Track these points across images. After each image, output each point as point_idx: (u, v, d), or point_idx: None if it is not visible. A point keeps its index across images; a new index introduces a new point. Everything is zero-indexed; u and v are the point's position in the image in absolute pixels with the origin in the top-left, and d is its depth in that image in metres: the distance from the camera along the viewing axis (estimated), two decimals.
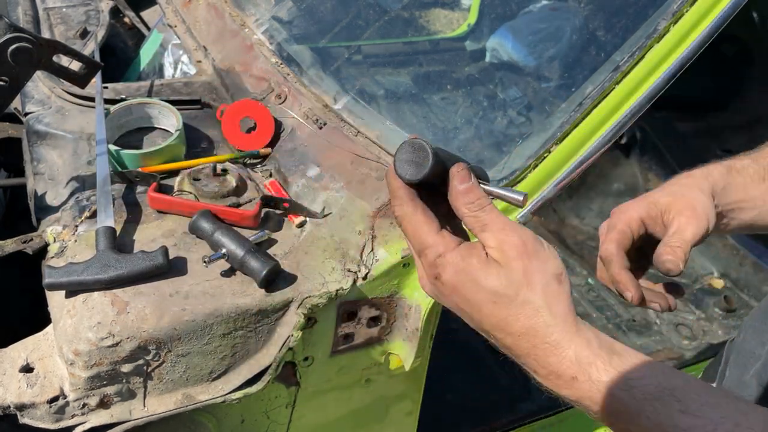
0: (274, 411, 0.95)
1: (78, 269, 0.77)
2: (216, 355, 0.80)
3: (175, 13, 1.35)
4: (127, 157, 0.96)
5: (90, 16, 1.41)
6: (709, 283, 2.19)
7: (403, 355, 0.95)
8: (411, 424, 1.14)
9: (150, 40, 1.42)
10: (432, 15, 1.43)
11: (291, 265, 0.85)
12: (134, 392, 0.78)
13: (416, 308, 0.90)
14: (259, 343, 0.82)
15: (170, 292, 0.79)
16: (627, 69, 0.91)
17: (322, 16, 1.33)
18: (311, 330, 0.87)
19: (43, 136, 1.01)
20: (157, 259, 0.79)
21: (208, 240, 0.84)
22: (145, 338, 0.75)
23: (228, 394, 0.81)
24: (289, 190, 0.97)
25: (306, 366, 0.91)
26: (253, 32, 1.21)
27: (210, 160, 0.99)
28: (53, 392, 0.75)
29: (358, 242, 0.88)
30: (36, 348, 0.79)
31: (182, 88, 1.16)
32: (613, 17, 1.15)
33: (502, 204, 0.79)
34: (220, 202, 0.90)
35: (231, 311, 0.79)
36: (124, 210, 0.90)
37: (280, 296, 0.81)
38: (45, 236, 0.86)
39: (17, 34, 0.82)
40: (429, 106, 1.25)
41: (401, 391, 1.08)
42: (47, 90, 1.10)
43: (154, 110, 1.05)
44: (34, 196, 0.93)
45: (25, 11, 1.35)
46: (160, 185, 0.92)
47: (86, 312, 0.75)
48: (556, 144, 0.91)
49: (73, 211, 0.89)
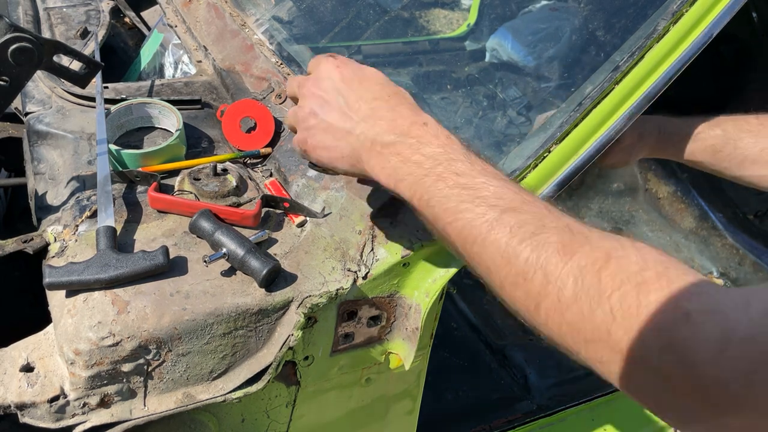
0: (275, 410, 0.95)
1: (78, 269, 0.77)
2: (216, 354, 0.80)
3: (176, 13, 1.35)
4: (128, 156, 0.96)
5: (90, 16, 1.41)
6: None
7: (403, 355, 0.95)
8: (411, 423, 1.15)
9: (150, 40, 1.42)
10: (432, 15, 1.43)
11: (291, 265, 0.86)
12: (135, 391, 0.78)
13: (416, 308, 0.90)
14: (260, 343, 0.83)
15: (171, 292, 0.79)
16: (626, 69, 0.91)
17: (322, 16, 1.33)
18: (311, 329, 0.87)
19: (44, 136, 1.01)
20: (158, 259, 0.79)
21: (209, 240, 0.84)
22: (146, 338, 0.75)
23: (228, 394, 0.81)
24: (290, 189, 0.97)
25: (306, 365, 0.92)
26: (254, 32, 1.21)
27: (210, 160, 0.99)
28: (54, 392, 0.75)
29: (358, 242, 0.88)
30: (36, 347, 0.79)
31: (182, 88, 1.16)
32: (612, 17, 1.15)
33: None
34: (220, 201, 0.91)
35: (231, 311, 0.79)
36: (125, 210, 0.90)
37: (280, 296, 0.82)
38: (45, 236, 0.86)
39: (18, 34, 0.82)
40: (429, 106, 1.25)
41: (401, 390, 1.08)
42: (48, 90, 1.10)
43: (155, 110, 1.05)
44: (34, 196, 0.93)
45: (25, 11, 1.35)
46: (161, 185, 0.93)
47: (87, 311, 0.76)
48: (556, 144, 0.91)
49: (73, 210, 0.89)
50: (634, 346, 0.51)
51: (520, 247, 0.58)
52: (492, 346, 1.82)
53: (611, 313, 0.52)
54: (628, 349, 0.51)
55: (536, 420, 1.61)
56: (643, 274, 0.53)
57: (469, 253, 0.64)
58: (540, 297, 0.57)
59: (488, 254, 0.61)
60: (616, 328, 0.52)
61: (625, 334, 0.51)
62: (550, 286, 0.56)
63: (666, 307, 0.50)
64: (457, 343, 1.83)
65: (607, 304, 0.53)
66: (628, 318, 0.51)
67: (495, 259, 0.60)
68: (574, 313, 0.54)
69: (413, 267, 0.89)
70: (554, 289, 0.56)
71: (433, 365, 1.04)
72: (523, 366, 1.75)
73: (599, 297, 0.53)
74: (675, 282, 0.52)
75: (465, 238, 0.63)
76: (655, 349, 0.50)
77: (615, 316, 0.52)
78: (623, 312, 0.52)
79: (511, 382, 1.72)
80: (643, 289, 0.52)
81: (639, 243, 0.56)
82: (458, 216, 0.63)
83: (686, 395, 0.49)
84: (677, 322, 0.49)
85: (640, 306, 0.51)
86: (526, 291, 0.58)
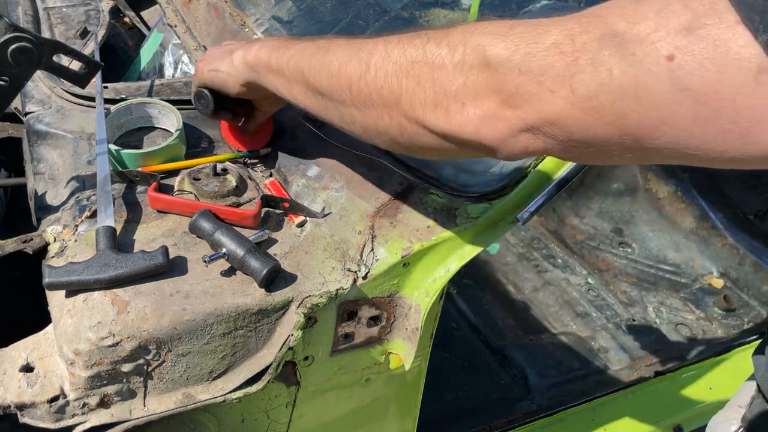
0: (274, 410, 0.95)
1: (78, 269, 0.77)
2: (216, 354, 0.80)
3: (175, 13, 1.35)
4: (127, 156, 0.96)
5: (90, 15, 1.41)
6: (709, 283, 2.20)
7: (403, 355, 0.95)
8: (411, 423, 1.15)
9: (150, 40, 1.42)
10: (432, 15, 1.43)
11: (291, 265, 0.86)
12: (134, 392, 0.78)
13: (416, 308, 0.90)
14: (260, 343, 0.83)
15: (170, 292, 0.79)
16: None
17: (321, 16, 1.33)
18: (311, 329, 0.87)
19: (44, 136, 1.01)
20: (157, 259, 0.79)
21: (208, 240, 0.84)
22: (146, 338, 0.75)
23: (228, 394, 0.81)
24: (289, 189, 0.97)
25: (306, 365, 0.91)
26: (254, 32, 1.21)
27: (210, 160, 0.99)
28: (53, 392, 0.75)
29: (358, 242, 0.88)
30: (36, 347, 0.79)
31: (182, 88, 1.16)
32: None
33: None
34: (220, 201, 0.91)
35: (231, 311, 0.79)
36: (124, 210, 0.90)
37: (280, 296, 0.82)
38: (45, 236, 0.86)
39: (17, 33, 0.82)
40: None
41: (401, 390, 1.08)
42: (47, 90, 1.10)
43: (155, 110, 1.05)
44: (34, 196, 0.93)
45: (25, 11, 1.35)
46: (160, 185, 0.92)
47: (86, 311, 0.76)
48: None
49: (73, 210, 0.89)
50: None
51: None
52: (492, 346, 1.82)
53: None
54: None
55: (536, 420, 1.61)
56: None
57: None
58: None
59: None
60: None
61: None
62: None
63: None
64: (457, 343, 1.83)
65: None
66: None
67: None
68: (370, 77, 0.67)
69: (413, 267, 0.89)
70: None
71: (433, 365, 1.04)
72: (523, 366, 1.75)
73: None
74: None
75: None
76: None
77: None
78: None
79: (511, 382, 1.72)
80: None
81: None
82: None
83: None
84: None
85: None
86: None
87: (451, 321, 1.89)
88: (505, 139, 0.58)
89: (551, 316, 2.01)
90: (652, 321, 2.04)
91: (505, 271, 2.15)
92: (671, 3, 0.48)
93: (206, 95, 0.94)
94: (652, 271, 2.23)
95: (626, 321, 2.02)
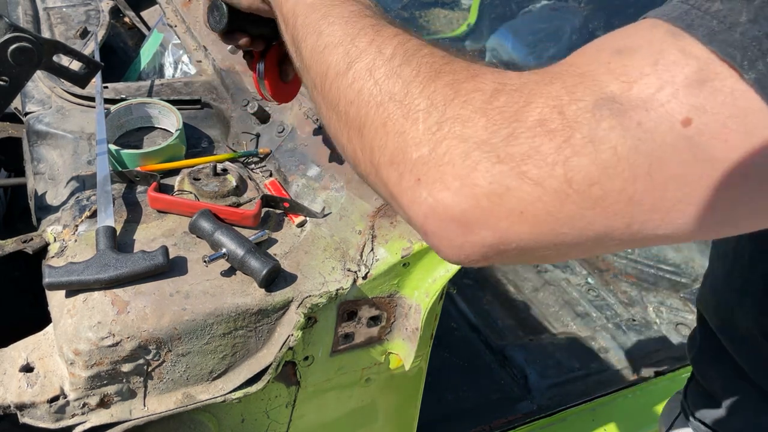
0: (274, 410, 0.95)
1: (78, 269, 0.77)
2: (216, 354, 0.80)
3: (175, 13, 1.35)
4: (127, 156, 0.96)
5: (90, 15, 1.41)
6: None
7: (403, 355, 0.95)
8: (411, 423, 1.15)
9: (150, 40, 1.42)
10: (432, 15, 1.43)
11: (291, 265, 0.86)
12: (134, 392, 0.78)
13: (416, 308, 0.90)
14: (260, 343, 0.83)
15: (170, 292, 0.79)
16: None
17: None
18: (311, 329, 0.87)
19: (44, 136, 1.01)
20: (157, 259, 0.79)
21: (208, 240, 0.84)
22: (146, 338, 0.75)
23: (228, 394, 0.81)
24: (289, 189, 0.97)
25: (306, 365, 0.91)
26: None
27: (210, 159, 0.99)
28: (53, 392, 0.75)
29: (358, 242, 0.88)
30: (36, 347, 0.79)
31: (182, 88, 1.16)
32: (613, 17, 1.15)
33: None
34: (220, 201, 0.91)
35: (231, 311, 0.79)
36: (124, 209, 0.90)
37: (280, 296, 0.82)
38: (45, 236, 0.86)
39: (17, 33, 0.82)
40: None
41: (401, 390, 1.08)
42: (47, 90, 1.10)
43: (155, 110, 1.05)
44: (34, 196, 0.93)
45: (25, 11, 1.35)
46: (160, 185, 0.92)
47: (86, 311, 0.75)
48: None
49: (73, 210, 0.89)
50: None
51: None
52: (492, 346, 1.82)
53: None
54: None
55: (536, 420, 1.61)
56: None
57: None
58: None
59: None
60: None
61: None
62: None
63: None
64: (457, 343, 1.83)
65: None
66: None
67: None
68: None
69: (413, 267, 0.89)
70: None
71: (433, 365, 1.04)
72: (523, 366, 1.75)
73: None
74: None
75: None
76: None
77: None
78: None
79: (511, 382, 1.72)
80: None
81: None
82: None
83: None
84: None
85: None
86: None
87: (451, 321, 1.89)
88: (455, 252, 0.47)
89: (551, 316, 2.01)
90: (652, 321, 2.04)
91: (505, 271, 2.15)
92: (665, 50, 0.40)
93: (221, 6, 0.82)
94: (652, 271, 2.23)
95: (626, 321, 2.02)
